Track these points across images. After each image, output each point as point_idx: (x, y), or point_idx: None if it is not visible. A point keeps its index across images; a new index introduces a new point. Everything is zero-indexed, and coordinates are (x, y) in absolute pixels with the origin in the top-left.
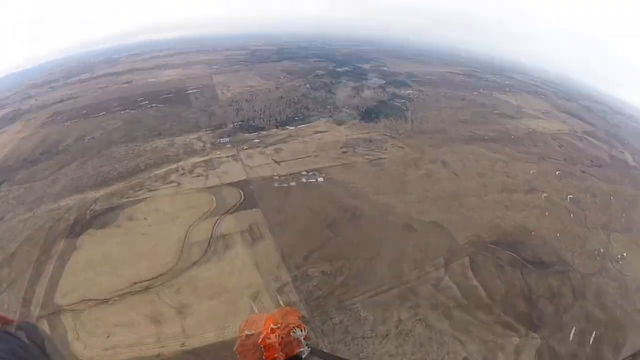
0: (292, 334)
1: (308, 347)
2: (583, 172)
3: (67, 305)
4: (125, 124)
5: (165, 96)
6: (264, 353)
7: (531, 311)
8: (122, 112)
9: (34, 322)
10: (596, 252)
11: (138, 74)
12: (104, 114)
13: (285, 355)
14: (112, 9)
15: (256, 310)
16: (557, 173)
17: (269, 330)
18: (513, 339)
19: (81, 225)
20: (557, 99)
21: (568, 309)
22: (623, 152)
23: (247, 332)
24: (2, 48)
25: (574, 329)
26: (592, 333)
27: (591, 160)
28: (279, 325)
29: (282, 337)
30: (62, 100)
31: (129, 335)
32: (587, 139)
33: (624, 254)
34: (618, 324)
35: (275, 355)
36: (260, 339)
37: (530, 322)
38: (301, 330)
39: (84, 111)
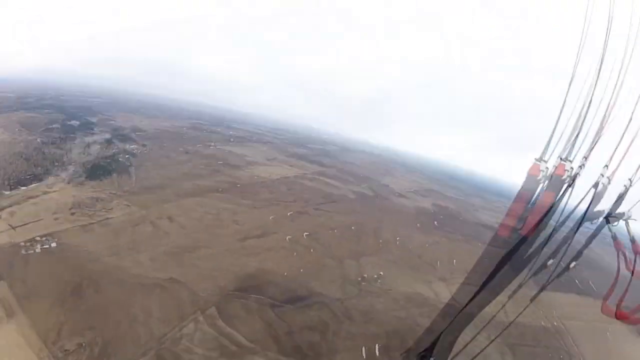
0: None
1: None
2: (316, 209)
3: None
4: None
5: None
6: None
7: (298, 344)
8: None
9: None
10: (348, 278)
11: None
12: None
13: None
14: None
15: None
16: (289, 214)
17: None
18: None
19: None
20: (284, 145)
21: (337, 333)
22: (359, 185)
23: None
24: None
25: (363, 348)
26: (375, 346)
27: (324, 198)
28: None
29: None
30: None
31: None
32: (318, 179)
33: (380, 273)
34: (399, 332)
35: None
36: None
37: (301, 354)
38: None
39: None
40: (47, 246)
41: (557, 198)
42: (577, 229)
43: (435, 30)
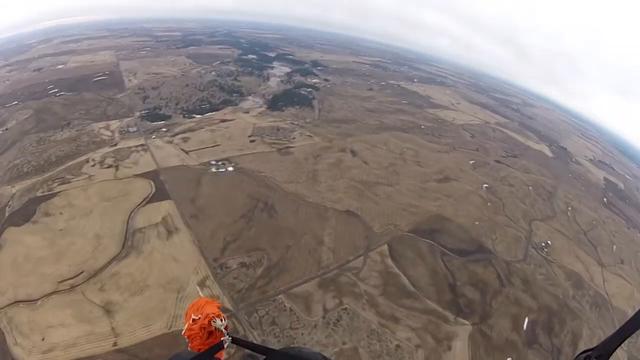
0: (212, 323)
1: (229, 336)
2: (498, 162)
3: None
4: (36, 113)
5: (73, 83)
6: (206, 339)
7: (457, 298)
8: (33, 102)
9: None
10: (518, 240)
11: (48, 60)
12: (15, 104)
13: (208, 345)
14: None
15: (201, 294)
16: (470, 162)
17: (191, 321)
18: (443, 326)
19: (2, 223)
20: (467, 91)
21: (496, 296)
22: (539, 143)
23: (193, 317)
24: None
25: (527, 319)
26: (524, 319)
27: (505, 151)
28: (199, 316)
29: (204, 328)
30: None
31: (62, 337)
32: (500, 130)
33: (548, 242)
34: (551, 310)
35: (200, 346)
36: (184, 331)
37: (458, 309)
38: (221, 320)
39: None
40: (222, 170)
41: None
42: None
43: None
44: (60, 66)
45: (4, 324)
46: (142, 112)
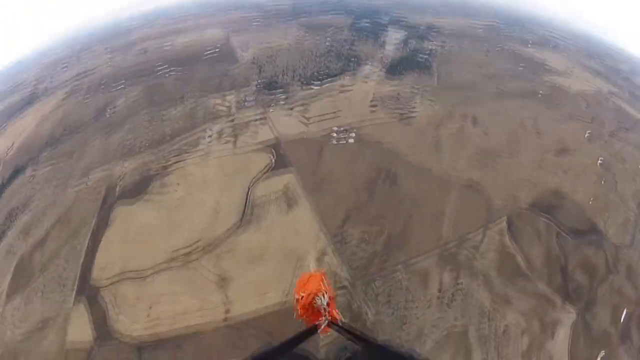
0: (316, 300)
1: (326, 319)
2: (611, 135)
3: (104, 283)
4: (146, 92)
5: (183, 61)
6: (313, 315)
7: (567, 282)
8: (141, 80)
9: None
10: (627, 222)
11: (152, 42)
12: (122, 85)
13: (316, 321)
14: None
15: (312, 268)
16: (586, 135)
17: (297, 302)
18: (550, 311)
19: (112, 199)
20: (579, 56)
21: (602, 283)
22: None
23: (297, 297)
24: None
25: (625, 309)
26: (623, 310)
27: (618, 123)
28: (303, 294)
29: (307, 306)
30: (77, 76)
31: (170, 307)
32: (613, 100)
33: None
34: None
35: (310, 322)
36: (295, 315)
37: (566, 294)
38: (323, 297)
39: (102, 84)
40: (343, 140)
41: None
42: None
43: None
44: (167, 46)
45: (108, 298)
46: (258, 83)
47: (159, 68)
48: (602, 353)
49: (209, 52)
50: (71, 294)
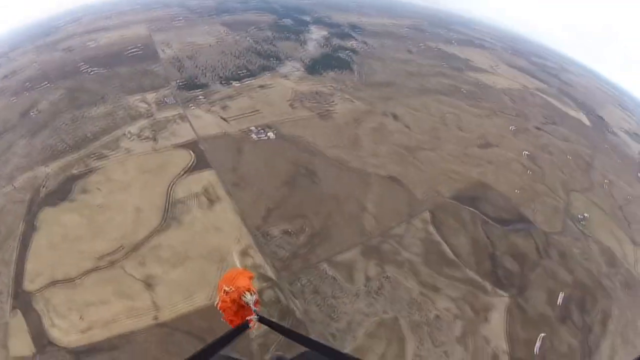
0: (242, 298)
1: (257, 315)
2: (538, 128)
3: (36, 291)
4: (69, 92)
5: (106, 59)
6: (237, 312)
7: (496, 269)
8: (65, 80)
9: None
10: (557, 211)
11: (78, 39)
12: (47, 85)
13: (240, 318)
14: None
15: (238, 265)
16: (511, 128)
17: (223, 293)
18: (481, 296)
19: (37, 204)
20: (505, 54)
21: (534, 268)
22: (577, 111)
23: (225, 288)
24: None
25: (561, 294)
26: (559, 293)
27: (545, 118)
28: (231, 288)
29: (234, 301)
30: (5, 76)
31: (101, 314)
32: (540, 95)
33: (585, 214)
34: (585, 286)
35: (232, 318)
36: (217, 303)
37: (496, 280)
38: (251, 294)
39: (27, 84)
40: (263, 137)
41: None
42: None
43: None
44: (91, 44)
45: (40, 307)
46: (179, 82)
47: (82, 66)
48: (543, 334)
49: (131, 50)
50: (7, 300)
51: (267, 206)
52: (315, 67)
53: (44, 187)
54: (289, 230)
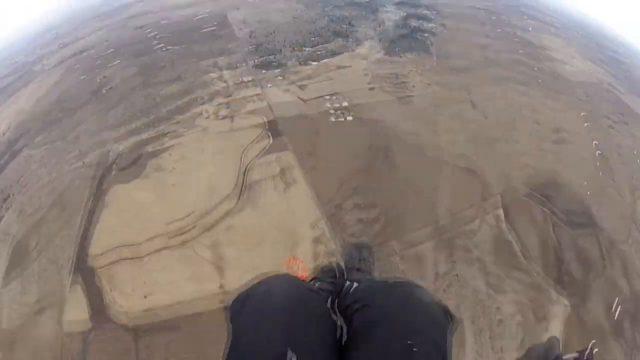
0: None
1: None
2: (610, 127)
3: (100, 268)
4: (142, 69)
5: (180, 37)
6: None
7: (563, 275)
8: (137, 58)
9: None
10: (623, 217)
11: (149, 17)
12: (119, 62)
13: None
14: None
15: (300, 255)
16: (585, 125)
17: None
18: (546, 303)
19: (108, 181)
20: (580, 44)
21: (597, 277)
22: None
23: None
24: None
25: (619, 307)
26: (617, 306)
27: (618, 115)
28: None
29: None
30: (74, 55)
31: (165, 295)
32: (613, 92)
33: None
34: (639, 299)
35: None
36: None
37: (561, 287)
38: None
39: (98, 62)
40: (341, 119)
41: None
42: None
43: None
44: (164, 21)
45: (103, 283)
46: (256, 60)
47: (156, 44)
48: (593, 341)
49: (206, 27)
50: (68, 276)
51: (343, 191)
52: (393, 48)
53: (115, 164)
54: (364, 218)
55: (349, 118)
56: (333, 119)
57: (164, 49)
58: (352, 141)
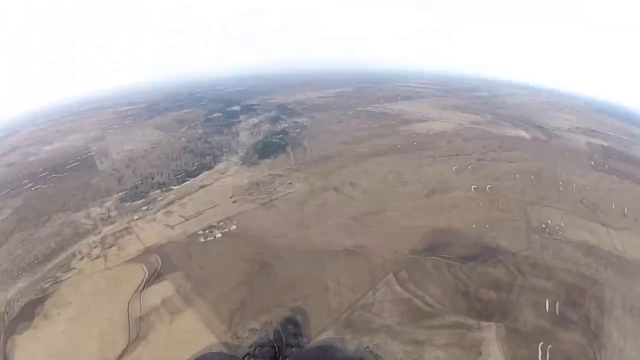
0: None
1: None
2: (479, 160)
3: None
4: (16, 211)
5: (47, 174)
6: None
7: (474, 303)
8: (10, 199)
9: None
10: (518, 229)
11: (18, 153)
12: None
13: None
14: None
15: None
16: (453, 169)
17: None
18: (467, 334)
19: (3, 332)
20: (434, 98)
21: (511, 290)
22: (515, 129)
23: None
24: None
25: (547, 300)
26: (545, 302)
27: (484, 147)
28: None
29: None
30: None
31: None
32: (475, 128)
33: (548, 222)
34: (567, 284)
35: None
36: None
37: (477, 313)
38: None
39: None
40: (226, 230)
41: None
42: None
43: None
44: (31, 158)
45: None
46: (120, 193)
47: (25, 184)
48: (541, 343)
49: (71, 163)
50: None
51: (230, 309)
52: (250, 157)
53: (6, 313)
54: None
55: (218, 235)
56: (203, 240)
57: (33, 188)
58: (226, 257)
